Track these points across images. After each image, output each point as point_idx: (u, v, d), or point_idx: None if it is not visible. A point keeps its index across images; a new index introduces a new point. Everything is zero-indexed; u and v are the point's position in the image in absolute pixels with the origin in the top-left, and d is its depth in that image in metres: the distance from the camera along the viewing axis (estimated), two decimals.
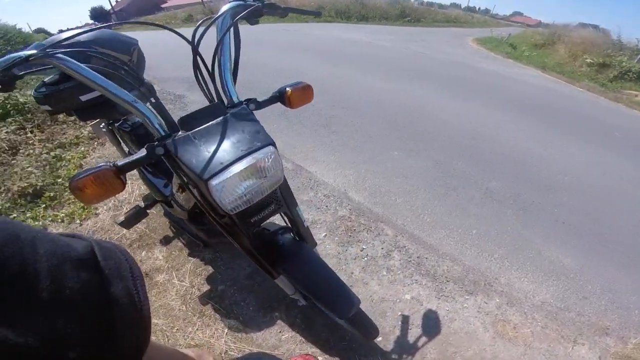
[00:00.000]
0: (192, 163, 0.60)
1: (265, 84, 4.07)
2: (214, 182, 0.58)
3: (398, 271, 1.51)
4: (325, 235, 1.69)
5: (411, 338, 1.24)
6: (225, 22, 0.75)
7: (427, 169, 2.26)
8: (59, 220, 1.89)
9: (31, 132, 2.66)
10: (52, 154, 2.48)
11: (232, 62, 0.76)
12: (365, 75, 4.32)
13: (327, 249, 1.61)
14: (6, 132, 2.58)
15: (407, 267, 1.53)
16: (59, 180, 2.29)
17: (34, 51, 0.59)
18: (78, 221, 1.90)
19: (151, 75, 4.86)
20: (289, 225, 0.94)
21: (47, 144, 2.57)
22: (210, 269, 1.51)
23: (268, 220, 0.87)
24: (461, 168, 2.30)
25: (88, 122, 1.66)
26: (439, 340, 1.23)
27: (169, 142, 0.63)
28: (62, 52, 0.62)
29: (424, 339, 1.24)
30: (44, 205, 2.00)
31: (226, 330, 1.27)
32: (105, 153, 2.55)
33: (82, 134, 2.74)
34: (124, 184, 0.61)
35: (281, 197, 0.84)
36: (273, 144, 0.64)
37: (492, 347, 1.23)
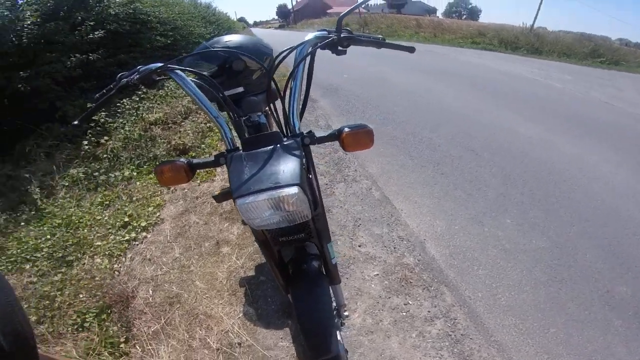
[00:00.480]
0: (233, 179, 0.66)
1: (388, 103, 4.06)
2: (239, 202, 0.62)
3: (429, 339, 1.26)
4: (377, 274, 1.56)
5: None
6: (302, 51, 0.78)
7: (539, 249, 1.74)
8: None
9: None
10: (207, 125, 3.19)
11: (303, 92, 0.79)
12: (512, 117, 3.65)
13: (371, 288, 1.49)
14: (186, 102, 3.50)
15: (443, 339, 1.26)
16: (203, 145, 2.93)
17: (159, 64, 0.80)
18: (198, 181, 2.39)
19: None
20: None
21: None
22: (263, 260, 1.63)
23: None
24: (586, 262, 1.66)
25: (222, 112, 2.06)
26: None
27: (229, 156, 0.71)
28: (179, 68, 0.79)
29: None
30: None
31: (240, 315, 1.39)
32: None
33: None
34: (189, 178, 0.76)
35: (313, 229, 0.83)
36: (300, 184, 0.63)
37: None
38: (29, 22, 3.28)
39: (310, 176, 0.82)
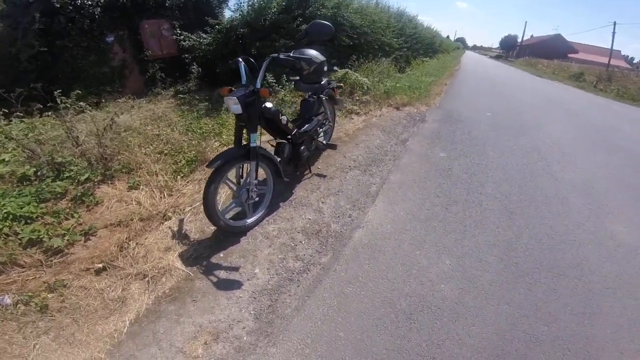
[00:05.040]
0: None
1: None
2: (225, 99, 1.68)
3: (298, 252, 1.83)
4: (310, 219, 2.19)
5: None
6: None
7: None
8: None
9: None
10: None
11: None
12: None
13: (299, 222, 2.15)
14: None
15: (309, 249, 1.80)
16: None
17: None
18: None
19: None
20: None
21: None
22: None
23: None
24: None
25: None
26: None
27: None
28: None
29: None
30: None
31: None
32: None
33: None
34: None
35: (247, 122, 1.85)
36: (238, 98, 1.64)
37: None
38: (273, 10, 5.28)
39: (283, 116, 1.92)
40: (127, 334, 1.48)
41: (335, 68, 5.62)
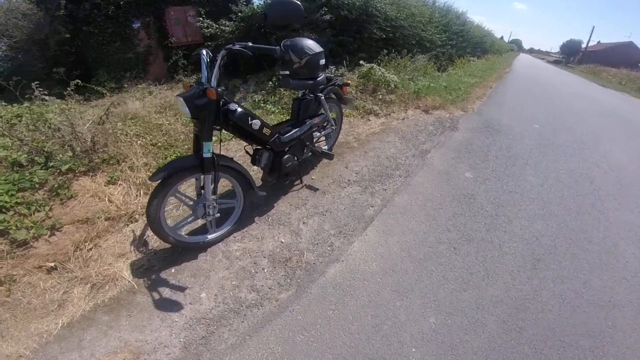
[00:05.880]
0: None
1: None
2: (177, 99, 1.41)
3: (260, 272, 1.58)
4: (283, 242, 1.91)
5: None
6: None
7: None
8: None
9: None
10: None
11: None
12: None
13: (268, 246, 1.89)
14: None
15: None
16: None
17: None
18: None
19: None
20: None
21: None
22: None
23: None
24: None
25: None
26: None
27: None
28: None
29: None
30: None
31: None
32: None
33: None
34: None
35: (201, 129, 1.61)
36: (184, 98, 1.44)
37: None
38: None
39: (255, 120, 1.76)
40: (56, 337, 1.42)
41: (362, 62, 5.20)
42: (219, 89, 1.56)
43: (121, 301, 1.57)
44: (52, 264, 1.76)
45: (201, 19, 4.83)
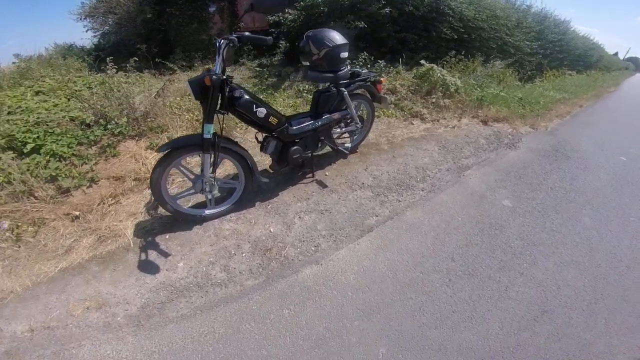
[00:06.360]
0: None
1: None
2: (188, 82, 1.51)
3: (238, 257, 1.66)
4: (272, 231, 1.94)
5: None
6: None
7: None
8: None
9: None
10: None
11: None
12: None
13: (253, 233, 1.94)
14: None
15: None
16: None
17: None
18: None
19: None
20: None
21: None
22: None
23: None
24: None
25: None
26: None
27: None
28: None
29: None
30: None
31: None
32: None
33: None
34: None
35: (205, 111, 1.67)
36: (190, 84, 1.54)
37: None
38: None
39: (260, 108, 1.81)
40: (49, 279, 1.64)
41: (423, 62, 4.83)
42: (223, 76, 1.63)
43: (114, 256, 1.78)
44: (77, 213, 2.07)
45: None
